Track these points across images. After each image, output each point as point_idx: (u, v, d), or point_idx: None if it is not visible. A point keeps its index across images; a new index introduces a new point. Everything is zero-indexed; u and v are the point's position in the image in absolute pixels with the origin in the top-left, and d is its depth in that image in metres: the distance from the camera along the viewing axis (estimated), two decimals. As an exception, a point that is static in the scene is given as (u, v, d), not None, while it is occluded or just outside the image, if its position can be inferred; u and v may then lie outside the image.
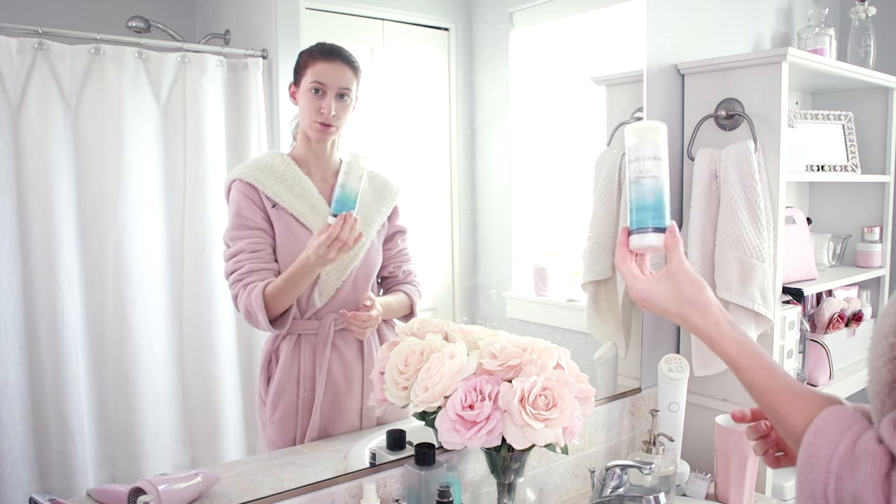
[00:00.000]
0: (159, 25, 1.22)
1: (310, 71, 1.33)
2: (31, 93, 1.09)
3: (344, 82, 1.35)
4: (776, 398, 0.87)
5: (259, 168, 1.33)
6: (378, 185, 1.46)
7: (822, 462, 0.74)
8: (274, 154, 1.36)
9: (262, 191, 1.32)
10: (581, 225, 1.89)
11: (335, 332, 1.38)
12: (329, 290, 1.37)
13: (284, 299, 1.32)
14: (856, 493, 0.70)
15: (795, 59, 1.76)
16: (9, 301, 1.09)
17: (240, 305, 1.30)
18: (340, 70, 1.36)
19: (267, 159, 1.34)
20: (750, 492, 1.63)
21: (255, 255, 1.31)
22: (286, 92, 1.34)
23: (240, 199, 1.32)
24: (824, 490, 0.73)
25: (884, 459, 0.69)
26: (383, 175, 1.47)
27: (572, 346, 1.30)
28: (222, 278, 1.32)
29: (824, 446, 0.75)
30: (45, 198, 1.12)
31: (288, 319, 1.34)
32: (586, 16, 1.88)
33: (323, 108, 1.33)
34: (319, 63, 1.34)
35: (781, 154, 1.75)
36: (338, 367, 1.40)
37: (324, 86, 1.33)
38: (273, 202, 1.33)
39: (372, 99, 1.45)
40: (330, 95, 1.33)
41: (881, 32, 2.30)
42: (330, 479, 1.30)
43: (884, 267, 2.31)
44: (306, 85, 1.33)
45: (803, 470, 0.76)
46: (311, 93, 1.33)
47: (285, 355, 1.36)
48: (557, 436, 1.16)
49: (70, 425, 1.15)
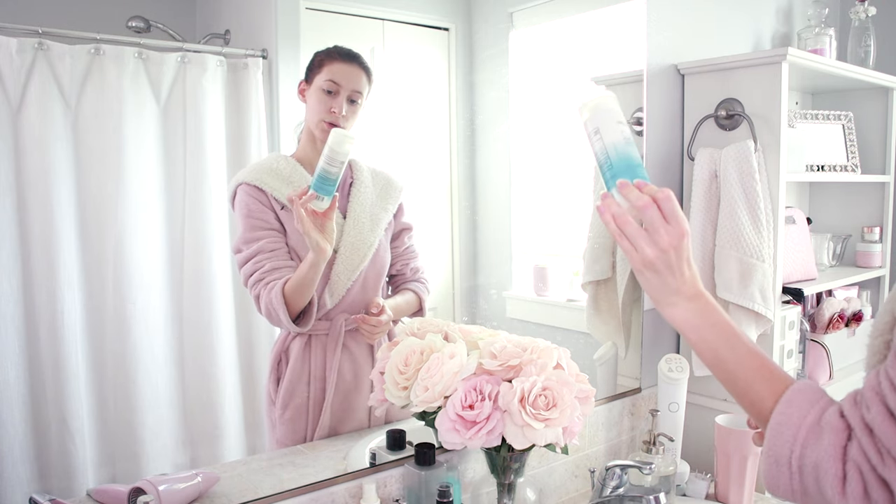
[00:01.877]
0: (159, 25, 1.22)
1: (325, 70, 1.34)
2: (31, 93, 1.09)
3: (358, 86, 1.36)
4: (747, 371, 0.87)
5: (265, 171, 1.32)
6: (382, 183, 1.46)
7: (790, 430, 0.77)
8: (277, 156, 1.35)
9: (270, 193, 1.32)
10: (581, 225, 1.89)
11: (346, 332, 1.39)
12: (340, 290, 1.38)
13: (301, 294, 1.31)
14: (817, 461, 0.74)
15: (795, 59, 1.76)
16: (9, 301, 1.09)
17: (261, 306, 1.30)
18: (357, 73, 1.37)
19: (271, 162, 1.34)
20: (750, 492, 1.63)
21: (274, 253, 1.31)
22: (286, 92, 1.34)
23: (249, 203, 1.31)
24: (789, 456, 0.77)
25: (844, 432, 0.74)
26: (386, 172, 1.47)
27: (572, 346, 1.30)
28: (222, 278, 1.31)
29: (794, 415, 0.78)
30: (45, 198, 1.12)
31: (311, 316, 1.33)
32: (586, 16, 1.88)
33: (334, 107, 1.33)
34: (337, 63, 1.35)
35: (781, 154, 1.75)
36: (348, 366, 1.40)
37: (338, 86, 1.34)
38: (282, 204, 1.32)
39: (372, 99, 1.45)
40: (342, 96, 1.34)
41: (881, 32, 2.30)
42: (330, 479, 1.30)
43: (884, 267, 2.31)
44: (319, 83, 1.33)
45: (771, 436, 0.79)
46: (323, 91, 1.33)
47: (296, 355, 1.36)
48: (557, 436, 1.16)
49: (70, 425, 1.15)
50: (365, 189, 1.43)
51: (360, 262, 1.39)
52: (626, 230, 0.88)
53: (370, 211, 1.41)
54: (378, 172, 1.46)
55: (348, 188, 1.41)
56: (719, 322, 0.88)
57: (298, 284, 1.30)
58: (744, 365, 0.86)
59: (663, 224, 0.86)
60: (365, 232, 1.40)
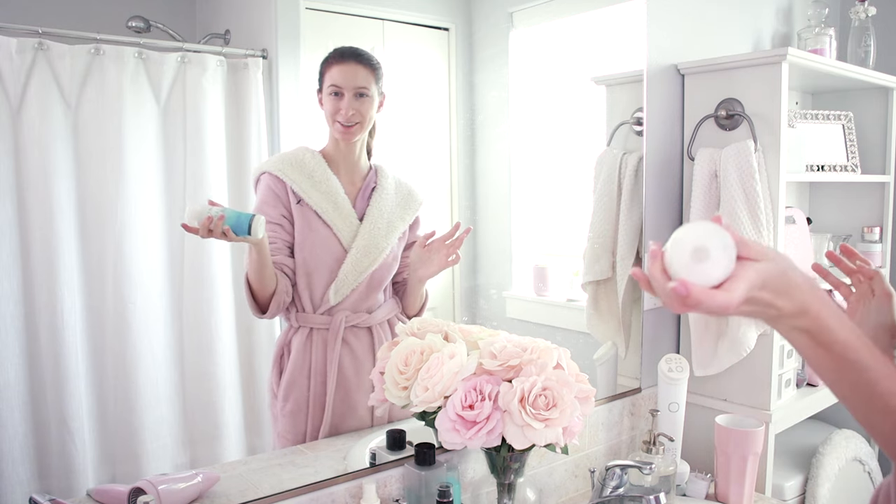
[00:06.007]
0: (159, 25, 1.22)
1: (327, 75, 1.38)
2: (31, 93, 1.09)
3: (359, 81, 1.38)
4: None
5: (289, 162, 1.36)
6: (403, 193, 1.49)
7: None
8: (305, 149, 1.39)
9: (289, 185, 1.35)
10: (581, 225, 1.89)
11: (346, 328, 1.40)
12: (345, 289, 1.40)
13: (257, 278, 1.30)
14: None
15: (795, 59, 1.76)
16: (9, 301, 1.09)
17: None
18: (354, 70, 1.39)
19: (298, 154, 1.38)
20: (750, 492, 1.63)
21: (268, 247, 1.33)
22: (286, 92, 1.35)
23: (265, 192, 1.35)
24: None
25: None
26: (409, 184, 1.51)
27: (572, 346, 1.30)
28: (222, 278, 1.32)
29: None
30: (45, 198, 1.12)
31: (276, 305, 1.33)
32: (586, 16, 1.88)
33: (342, 108, 1.37)
34: (334, 66, 1.38)
35: (781, 154, 1.75)
36: (349, 362, 1.41)
37: (340, 88, 1.37)
38: (298, 198, 1.35)
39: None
40: (347, 97, 1.37)
41: (881, 32, 2.30)
42: (330, 479, 1.30)
43: (884, 267, 2.31)
44: (326, 89, 1.38)
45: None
46: (331, 96, 1.37)
47: (297, 348, 1.38)
48: (557, 436, 1.16)
49: (70, 425, 1.15)
50: (386, 196, 1.45)
51: (370, 266, 1.41)
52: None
53: (388, 217, 1.45)
54: (402, 183, 1.49)
55: (370, 192, 1.44)
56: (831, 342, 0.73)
57: (251, 268, 1.30)
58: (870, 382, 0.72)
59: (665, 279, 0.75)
60: (379, 237, 1.43)
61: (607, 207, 1.85)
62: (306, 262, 1.38)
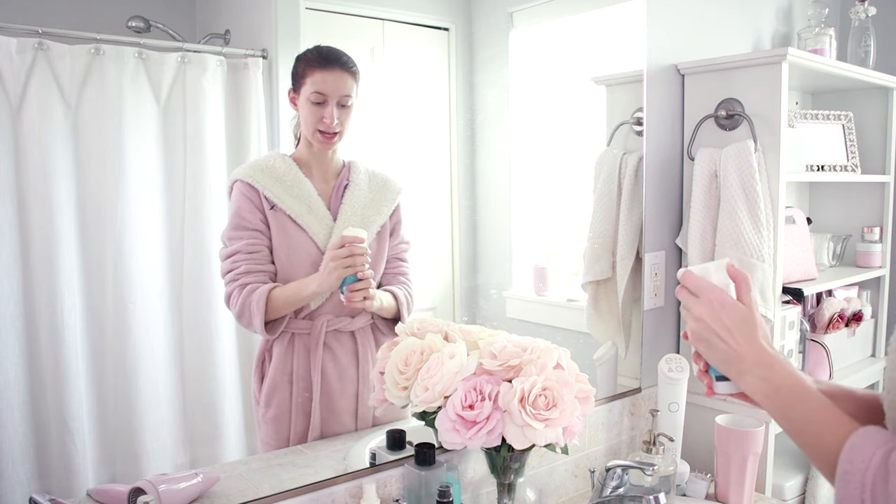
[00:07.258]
0: (159, 25, 1.22)
1: (309, 81, 1.32)
2: (31, 93, 1.09)
3: (345, 90, 1.34)
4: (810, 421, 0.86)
5: (260, 169, 1.33)
6: (378, 185, 1.45)
7: (857, 477, 0.76)
8: (276, 155, 1.35)
9: (261, 192, 1.32)
10: (581, 225, 1.89)
11: (327, 332, 1.38)
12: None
13: (288, 307, 1.34)
14: (888, 502, 0.72)
15: (795, 59, 1.76)
16: (9, 301, 1.09)
17: (233, 304, 1.30)
18: (340, 78, 1.34)
19: (268, 160, 1.34)
20: (750, 492, 1.63)
21: (252, 256, 1.31)
22: (286, 93, 1.34)
23: (240, 200, 1.32)
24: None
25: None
26: (385, 174, 1.46)
27: (572, 346, 1.30)
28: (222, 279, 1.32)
29: (858, 461, 0.76)
30: (45, 198, 1.12)
31: (280, 326, 1.35)
32: (586, 16, 1.88)
33: (325, 117, 1.32)
34: (318, 72, 1.32)
35: (781, 154, 1.75)
36: (332, 367, 1.39)
37: (325, 96, 1.32)
38: (272, 203, 1.33)
39: (372, 99, 1.45)
40: (331, 105, 1.32)
41: (881, 32, 2.30)
42: (330, 479, 1.30)
43: (884, 267, 2.31)
44: (306, 94, 1.32)
45: (840, 486, 0.78)
46: (312, 104, 1.32)
47: (278, 354, 1.36)
48: (557, 436, 1.16)
49: (70, 425, 1.15)
50: (359, 192, 1.41)
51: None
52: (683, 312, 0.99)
53: (362, 213, 1.40)
54: (376, 174, 1.44)
55: (343, 190, 1.40)
56: (785, 385, 0.87)
57: (291, 300, 1.34)
58: (811, 420, 0.84)
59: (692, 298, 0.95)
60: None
61: (607, 207, 1.85)
62: (284, 268, 1.35)
